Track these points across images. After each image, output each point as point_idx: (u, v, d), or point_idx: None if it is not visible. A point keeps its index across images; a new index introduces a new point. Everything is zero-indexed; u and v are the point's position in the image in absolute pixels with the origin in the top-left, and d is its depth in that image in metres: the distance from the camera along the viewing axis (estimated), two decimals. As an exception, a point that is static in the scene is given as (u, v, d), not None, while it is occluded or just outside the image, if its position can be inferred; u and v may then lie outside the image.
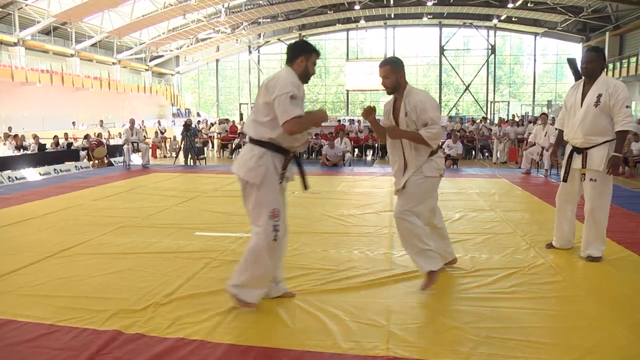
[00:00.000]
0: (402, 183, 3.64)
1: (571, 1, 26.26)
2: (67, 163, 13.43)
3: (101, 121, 20.95)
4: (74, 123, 23.62)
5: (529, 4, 28.12)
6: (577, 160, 4.33)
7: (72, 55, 28.58)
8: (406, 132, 3.57)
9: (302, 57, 3.18)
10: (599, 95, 4.09)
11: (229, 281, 3.26)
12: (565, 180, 4.50)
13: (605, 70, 4.26)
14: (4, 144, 14.92)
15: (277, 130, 3.06)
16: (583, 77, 4.30)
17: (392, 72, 3.58)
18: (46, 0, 23.90)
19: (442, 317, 3.17)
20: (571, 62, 27.00)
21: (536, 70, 36.73)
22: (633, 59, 25.12)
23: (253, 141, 3.17)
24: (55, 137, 16.15)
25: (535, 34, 35.03)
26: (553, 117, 18.21)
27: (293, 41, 3.38)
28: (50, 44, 27.28)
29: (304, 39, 37.38)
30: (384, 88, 3.65)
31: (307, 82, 3.26)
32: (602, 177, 4.17)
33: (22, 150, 14.45)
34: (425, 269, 3.57)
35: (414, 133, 3.52)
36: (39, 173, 11.77)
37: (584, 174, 4.27)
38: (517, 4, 28.02)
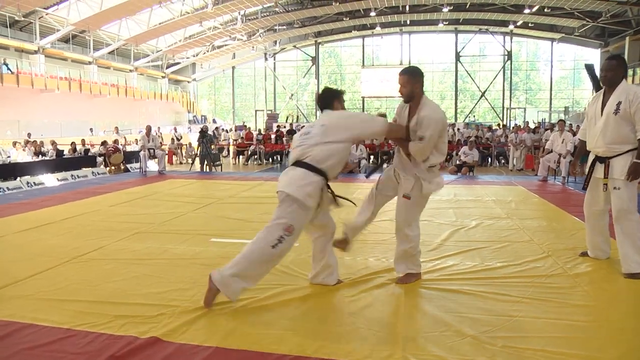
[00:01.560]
0: (409, 188, 3.85)
1: (589, 6, 25.97)
2: (84, 169, 13.60)
3: (116, 128, 21.18)
4: (91, 129, 23.91)
5: (545, 10, 27.89)
6: (599, 170, 4.24)
7: (90, 63, 28.98)
8: (402, 143, 3.82)
9: (338, 99, 3.77)
10: (619, 103, 4.01)
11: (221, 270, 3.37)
12: (584, 188, 4.45)
13: (625, 77, 4.18)
14: (24, 149, 15.15)
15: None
16: (604, 86, 4.23)
17: (409, 82, 3.76)
18: (65, 9, 24.30)
19: (458, 325, 3.13)
20: (589, 68, 26.71)
21: (553, 76, 36.41)
22: (654, 64, 24.79)
23: (310, 167, 3.43)
24: (73, 143, 16.36)
25: (552, 40, 34.75)
26: (570, 124, 18.06)
27: (322, 90, 3.93)
28: (69, 52, 27.69)
29: (320, 45, 37.63)
30: (400, 95, 3.83)
31: None
32: (625, 184, 4.05)
33: (40, 156, 14.67)
34: (402, 270, 3.99)
35: (403, 140, 3.80)
36: (57, 179, 11.93)
37: (606, 184, 4.20)
38: (534, 9, 27.84)
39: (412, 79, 3.75)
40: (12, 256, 4.78)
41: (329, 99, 3.76)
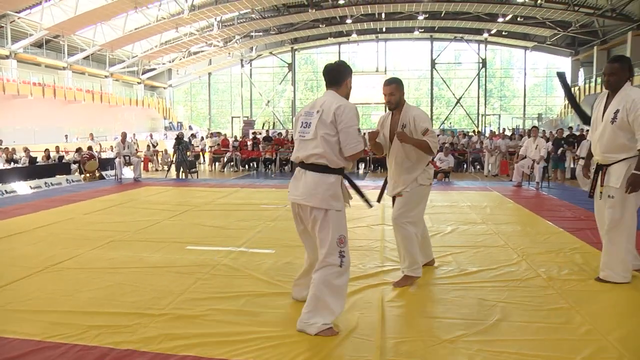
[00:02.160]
0: (399, 190, 4.09)
1: (560, 16, 26.62)
2: (58, 176, 13.34)
3: (91, 134, 20.87)
4: (66, 136, 23.48)
5: (518, 19, 28.48)
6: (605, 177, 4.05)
7: (64, 68, 28.54)
8: (413, 138, 3.92)
9: (348, 79, 3.34)
10: (616, 112, 3.85)
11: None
12: (590, 196, 4.26)
13: (630, 80, 3.96)
14: (-5, 157, 14.82)
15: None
16: (608, 90, 4.03)
17: (398, 90, 4.06)
18: (39, 13, 23.89)
19: (434, 330, 3.17)
20: (561, 76, 27.24)
21: (526, 83, 37.11)
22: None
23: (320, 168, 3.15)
24: (47, 150, 16.07)
25: (525, 48, 35.45)
26: (543, 130, 18.38)
27: (334, 62, 3.43)
28: (42, 57, 27.23)
29: (296, 52, 37.72)
30: (387, 103, 4.12)
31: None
32: (620, 194, 3.89)
33: (12, 163, 14.37)
34: (405, 271, 4.05)
35: (420, 140, 3.90)
36: (30, 186, 11.69)
37: (601, 192, 4.08)
38: (507, 18, 28.40)
39: (399, 87, 4.06)
40: (-18, 266, 4.66)
41: (343, 74, 3.33)
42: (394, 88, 4.05)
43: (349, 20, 29.94)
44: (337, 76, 3.30)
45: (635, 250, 4.16)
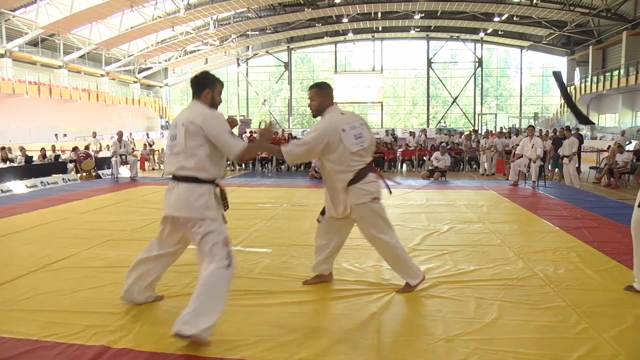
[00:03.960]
0: (341, 209, 3.80)
1: (555, 16, 26.72)
2: (54, 175, 13.28)
3: (94, 132, 20.85)
4: (56, 135, 23.34)
5: (514, 18, 28.58)
6: None
7: (60, 67, 28.45)
8: (264, 145, 3.53)
9: (208, 89, 3.23)
10: None
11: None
12: None
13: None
14: (-10, 156, 14.77)
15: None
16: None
17: (318, 95, 3.73)
18: (34, 11, 23.80)
19: (431, 329, 3.17)
20: (557, 76, 27.36)
21: (523, 83, 37.26)
22: (615, 73, 25.59)
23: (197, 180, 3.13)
24: (43, 149, 16.01)
25: (521, 47, 35.58)
26: (540, 129, 18.44)
27: (195, 75, 3.37)
28: (38, 56, 27.14)
29: (292, 51, 37.70)
30: (309, 108, 3.78)
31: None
32: None
33: (8, 162, 14.30)
34: (411, 282, 3.85)
35: (274, 147, 3.71)
36: (26, 185, 11.65)
37: None
38: (503, 17, 28.49)
39: (320, 91, 3.74)
40: (-22, 265, 4.65)
41: (203, 84, 3.27)
42: (313, 93, 3.74)
43: (345, 20, 29.96)
44: (198, 86, 3.27)
45: None
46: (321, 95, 3.72)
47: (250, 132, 24.35)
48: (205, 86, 3.24)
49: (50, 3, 23.82)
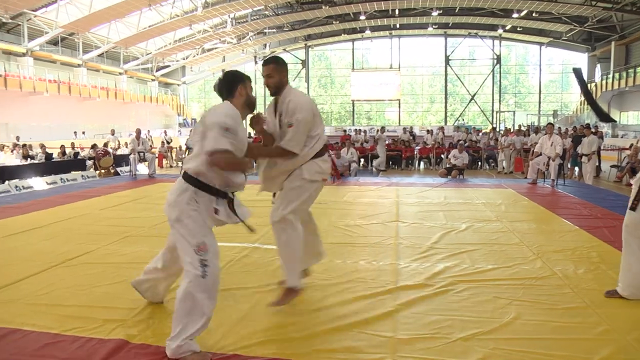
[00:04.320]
0: (279, 185, 3.45)
1: (576, 11, 26.28)
2: (73, 172, 13.47)
3: (112, 130, 21.07)
4: (75, 133, 23.63)
5: (533, 14, 28.20)
6: None
7: (79, 66, 28.80)
8: (265, 150, 3.41)
9: (240, 85, 3.02)
10: None
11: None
12: (633, 208, 3.60)
13: None
14: (12, 153, 15.02)
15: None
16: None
17: (276, 71, 3.41)
18: (54, 11, 24.13)
19: (449, 327, 3.14)
20: (577, 72, 26.99)
21: (542, 80, 36.79)
22: (639, 69, 25.12)
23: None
24: (62, 146, 16.24)
25: (541, 44, 35.12)
26: (559, 127, 18.20)
27: (220, 79, 3.13)
28: (57, 54, 27.50)
29: (310, 49, 37.68)
30: (266, 86, 3.45)
31: (253, 110, 3.13)
32: None
33: (29, 159, 14.53)
34: (289, 283, 3.46)
35: (274, 149, 3.34)
36: (46, 182, 11.82)
37: None
38: (522, 14, 28.12)
39: (278, 67, 3.41)
40: (0, 261, 4.73)
41: (224, 87, 3.07)
42: (271, 69, 3.40)
43: (362, 17, 29.84)
44: (228, 86, 3.05)
45: None
46: (280, 72, 3.40)
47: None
48: (237, 83, 3.02)
49: (70, 3, 24.13)
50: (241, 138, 2.92)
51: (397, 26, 33.79)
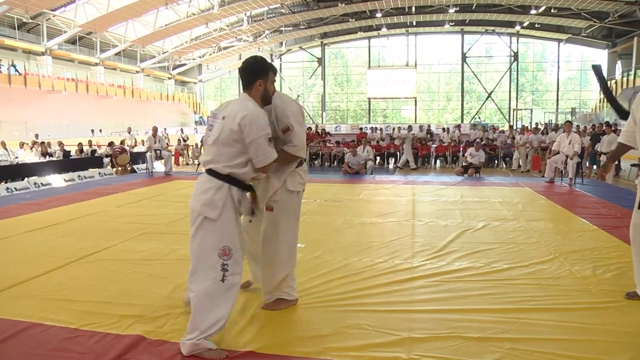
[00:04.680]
0: (266, 199, 3.29)
1: (597, 7, 25.86)
2: (90, 170, 13.61)
3: (129, 128, 21.26)
4: (92, 131, 23.90)
5: (552, 10, 27.83)
6: None
7: (96, 64, 29.13)
8: (285, 155, 3.22)
9: (260, 80, 2.94)
10: None
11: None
12: None
13: None
14: (31, 150, 15.22)
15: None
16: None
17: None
18: (73, 10, 24.43)
19: (465, 327, 3.12)
20: (596, 69, 26.54)
21: (560, 77, 36.32)
22: (663, 66, 24.65)
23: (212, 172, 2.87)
24: (80, 144, 16.42)
25: (559, 41, 34.68)
26: (577, 125, 17.95)
27: (245, 62, 3.03)
28: (75, 53, 27.85)
29: (326, 46, 37.65)
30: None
31: (268, 105, 3.07)
32: None
33: (47, 157, 14.72)
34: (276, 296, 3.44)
35: (280, 153, 3.08)
36: (64, 179, 11.96)
37: None
38: (540, 10, 27.79)
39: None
40: (20, 256, 4.80)
41: (250, 76, 2.96)
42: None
43: (378, 15, 29.77)
44: (248, 76, 2.95)
45: None
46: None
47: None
48: (257, 77, 2.93)
49: (88, 2, 24.43)
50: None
51: (414, 23, 33.64)
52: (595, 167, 12.70)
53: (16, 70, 22.52)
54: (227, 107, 2.93)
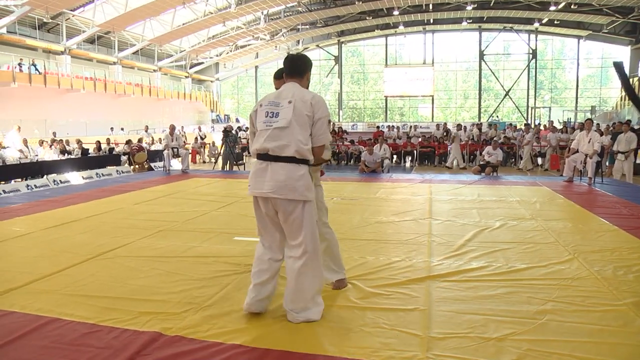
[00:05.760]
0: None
1: (619, 1, 25.35)
2: (108, 167, 13.79)
3: (146, 126, 21.44)
4: (112, 129, 24.15)
5: (572, 6, 27.38)
6: None
7: (114, 63, 29.43)
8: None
9: (309, 72, 3.34)
10: None
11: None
12: None
13: None
14: (50, 148, 15.44)
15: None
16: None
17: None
18: (91, 10, 24.72)
19: (482, 327, 3.09)
20: (618, 66, 26.10)
21: (579, 74, 35.79)
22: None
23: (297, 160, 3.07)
24: (98, 142, 16.62)
25: (579, 37, 34.14)
26: (597, 124, 17.70)
27: (296, 54, 3.41)
28: (94, 52, 28.17)
29: (343, 44, 37.59)
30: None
31: None
32: None
33: (66, 154, 14.92)
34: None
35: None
36: (82, 177, 12.13)
37: None
38: (560, 6, 27.36)
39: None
40: (40, 252, 4.87)
41: (306, 66, 3.33)
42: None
43: (395, 12, 29.63)
44: (301, 67, 3.30)
45: None
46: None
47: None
48: (309, 68, 3.33)
49: (107, 2, 24.70)
50: None
51: (431, 21, 33.42)
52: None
53: (36, 69, 22.85)
54: (283, 93, 3.15)
